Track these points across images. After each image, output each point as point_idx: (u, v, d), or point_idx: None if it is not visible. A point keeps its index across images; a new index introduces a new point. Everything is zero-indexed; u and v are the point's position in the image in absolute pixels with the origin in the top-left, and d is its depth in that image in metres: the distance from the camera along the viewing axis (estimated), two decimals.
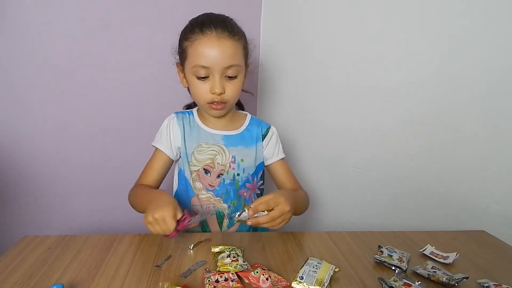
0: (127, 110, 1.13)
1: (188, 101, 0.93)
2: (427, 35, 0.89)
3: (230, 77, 0.74)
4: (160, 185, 0.83)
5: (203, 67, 0.71)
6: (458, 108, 0.87)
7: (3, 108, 1.01)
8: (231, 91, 0.75)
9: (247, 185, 0.83)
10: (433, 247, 0.71)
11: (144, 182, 0.79)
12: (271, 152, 0.86)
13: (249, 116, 0.89)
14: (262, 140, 0.85)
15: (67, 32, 1.01)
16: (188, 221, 0.62)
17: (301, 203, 0.80)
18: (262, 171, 0.87)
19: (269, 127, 0.88)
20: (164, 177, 0.83)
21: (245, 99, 0.95)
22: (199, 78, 0.73)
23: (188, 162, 0.79)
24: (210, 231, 0.81)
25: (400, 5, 0.91)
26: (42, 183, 1.10)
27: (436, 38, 0.87)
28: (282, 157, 0.88)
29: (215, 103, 0.75)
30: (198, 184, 0.80)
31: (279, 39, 1.20)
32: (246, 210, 0.64)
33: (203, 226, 0.81)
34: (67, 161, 1.11)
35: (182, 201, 0.81)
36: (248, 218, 0.64)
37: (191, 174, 0.80)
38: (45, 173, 1.10)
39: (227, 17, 0.75)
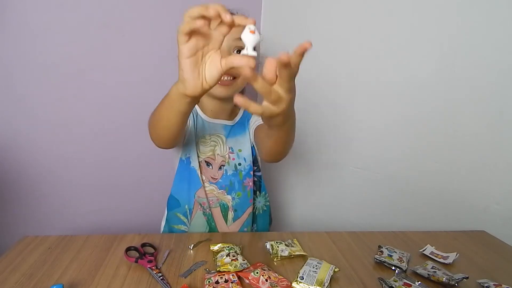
0: (127, 110, 1.13)
1: None
2: (427, 35, 0.88)
3: (239, 52, 0.72)
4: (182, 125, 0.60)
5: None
6: (458, 108, 0.87)
7: (3, 108, 1.01)
8: None
9: (252, 173, 0.82)
10: (433, 247, 0.71)
11: None
12: (255, 118, 0.82)
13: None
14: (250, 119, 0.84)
15: (67, 32, 1.01)
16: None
17: (292, 131, 0.64)
18: (255, 156, 0.84)
19: None
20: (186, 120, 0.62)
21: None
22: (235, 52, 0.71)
23: (198, 152, 0.77)
24: (215, 225, 0.80)
25: (401, 4, 0.91)
26: (42, 183, 1.10)
27: (436, 37, 0.87)
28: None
29: (223, 77, 0.70)
30: (202, 176, 0.79)
31: (279, 38, 1.19)
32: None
33: (208, 220, 0.80)
34: (67, 161, 1.11)
35: (184, 194, 0.79)
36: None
37: (200, 164, 0.77)
38: (45, 173, 1.10)
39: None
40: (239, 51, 0.70)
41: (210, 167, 0.79)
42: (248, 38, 0.43)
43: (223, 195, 0.80)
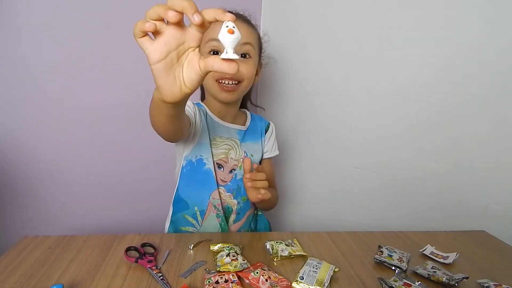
0: (127, 110, 1.13)
1: None
2: (428, 36, 0.88)
3: (243, 56, 0.74)
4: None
5: (216, 39, 0.68)
6: (458, 108, 0.87)
7: (2, 108, 1.01)
8: (245, 69, 0.73)
9: None
10: (433, 247, 0.71)
11: None
12: (269, 147, 0.89)
13: (248, 112, 0.90)
14: (264, 135, 0.88)
15: (67, 32, 1.01)
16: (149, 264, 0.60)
17: (271, 199, 0.81)
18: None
19: (269, 123, 0.92)
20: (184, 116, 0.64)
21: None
22: (211, 53, 0.72)
23: (212, 153, 0.76)
24: (226, 228, 0.79)
25: (402, 6, 0.91)
26: (42, 183, 1.10)
27: (437, 39, 0.87)
28: (276, 154, 0.91)
29: (226, 82, 0.72)
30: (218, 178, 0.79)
31: (279, 39, 1.19)
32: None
33: (222, 222, 0.79)
34: (67, 161, 1.11)
35: (193, 196, 0.78)
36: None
37: (215, 165, 0.76)
38: (45, 173, 1.10)
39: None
40: (242, 56, 0.73)
41: (222, 169, 0.79)
42: (227, 38, 0.36)
43: (230, 199, 0.80)
